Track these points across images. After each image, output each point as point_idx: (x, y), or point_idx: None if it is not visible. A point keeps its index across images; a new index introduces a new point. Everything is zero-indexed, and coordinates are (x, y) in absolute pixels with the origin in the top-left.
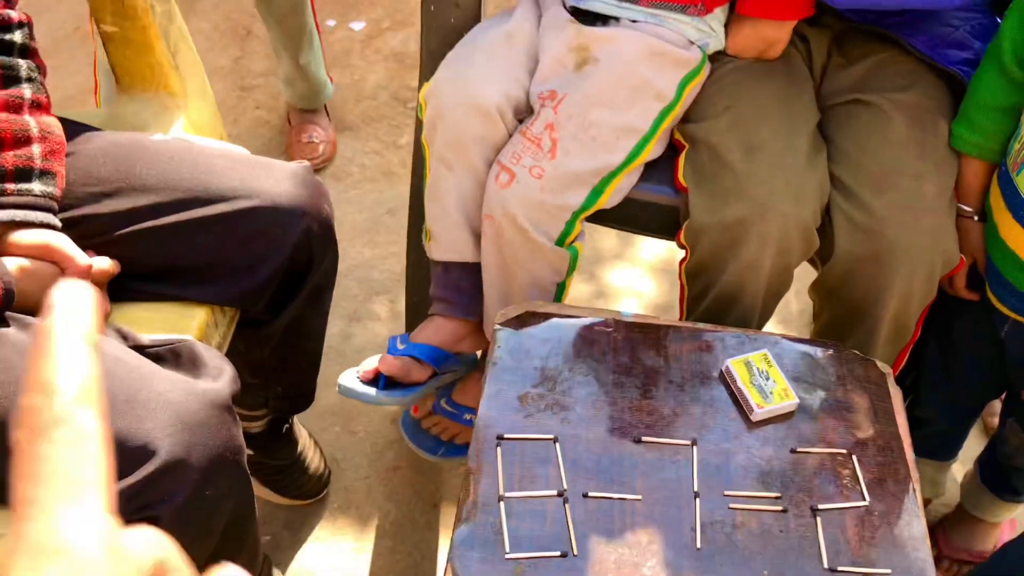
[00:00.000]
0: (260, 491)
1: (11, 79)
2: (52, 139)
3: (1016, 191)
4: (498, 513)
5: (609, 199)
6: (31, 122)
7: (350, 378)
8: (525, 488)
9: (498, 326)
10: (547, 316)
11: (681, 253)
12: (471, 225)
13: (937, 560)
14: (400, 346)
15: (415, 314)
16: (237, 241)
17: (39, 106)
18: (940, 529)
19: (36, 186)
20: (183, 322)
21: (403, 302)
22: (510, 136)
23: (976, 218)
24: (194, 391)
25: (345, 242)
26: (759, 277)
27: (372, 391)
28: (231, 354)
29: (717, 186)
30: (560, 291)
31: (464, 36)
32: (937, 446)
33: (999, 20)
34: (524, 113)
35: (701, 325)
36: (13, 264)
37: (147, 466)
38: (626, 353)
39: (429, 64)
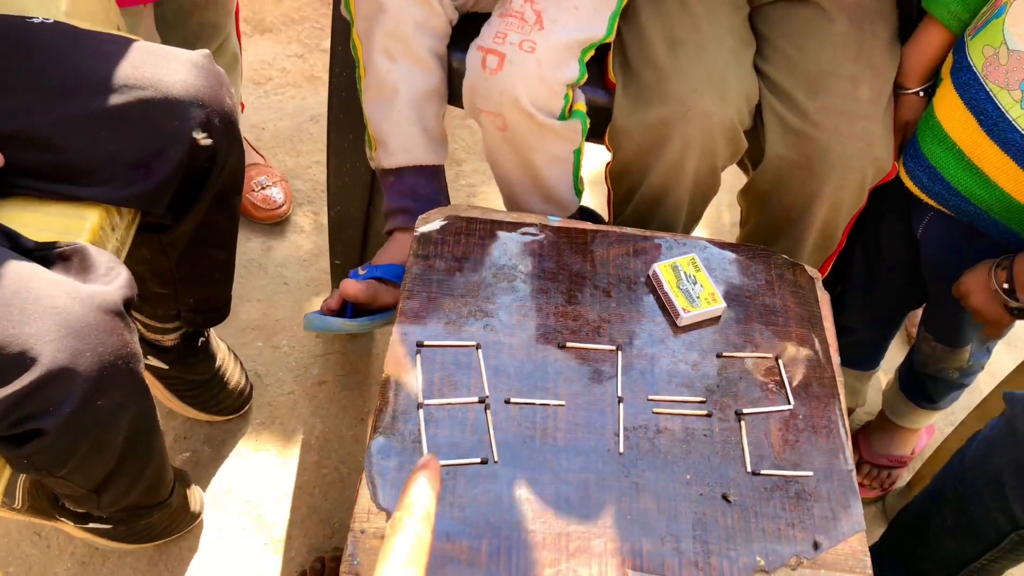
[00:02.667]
0: (177, 407)
1: None
2: None
3: (966, 55)
4: (416, 421)
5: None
6: None
7: (314, 313)
8: (446, 395)
9: (418, 231)
10: (471, 221)
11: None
12: (423, 122)
13: (858, 465)
14: (361, 272)
15: (338, 226)
16: (130, 136)
17: None
18: (861, 435)
19: None
20: (74, 224)
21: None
22: (451, 23)
23: (922, 94)
24: (80, 295)
25: (266, 151)
26: (683, 179)
27: (339, 320)
28: (136, 261)
29: (639, 84)
30: (577, 157)
31: None
32: (860, 355)
33: None
34: None
35: (629, 229)
36: None
37: (28, 374)
38: (552, 258)
39: None
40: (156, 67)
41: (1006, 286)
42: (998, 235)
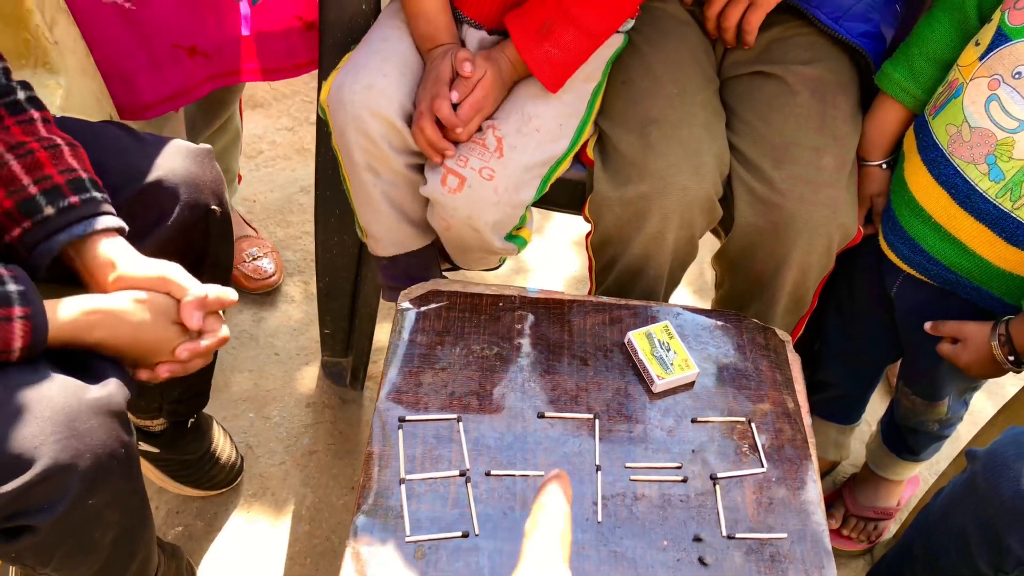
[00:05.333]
0: (170, 485)
1: (12, 105)
2: (71, 144)
3: (930, 133)
4: (399, 496)
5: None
6: (55, 137)
7: None
8: (428, 470)
9: (400, 306)
10: (452, 294)
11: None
12: (409, 219)
13: (844, 518)
14: None
15: (327, 296)
16: (129, 223)
17: (48, 121)
18: (846, 489)
19: (95, 194)
20: None
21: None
22: None
23: (885, 166)
24: (84, 397)
25: (257, 222)
26: (663, 249)
27: None
28: None
29: (617, 161)
30: (501, 262)
31: (369, 33)
32: (841, 410)
33: None
34: None
35: (605, 298)
36: (128, 297)
37: (28, 472)
38: (531, 329)
39: (330, 57)
40: (158, 157)
41: (1012, 358)
42: (980, 300)
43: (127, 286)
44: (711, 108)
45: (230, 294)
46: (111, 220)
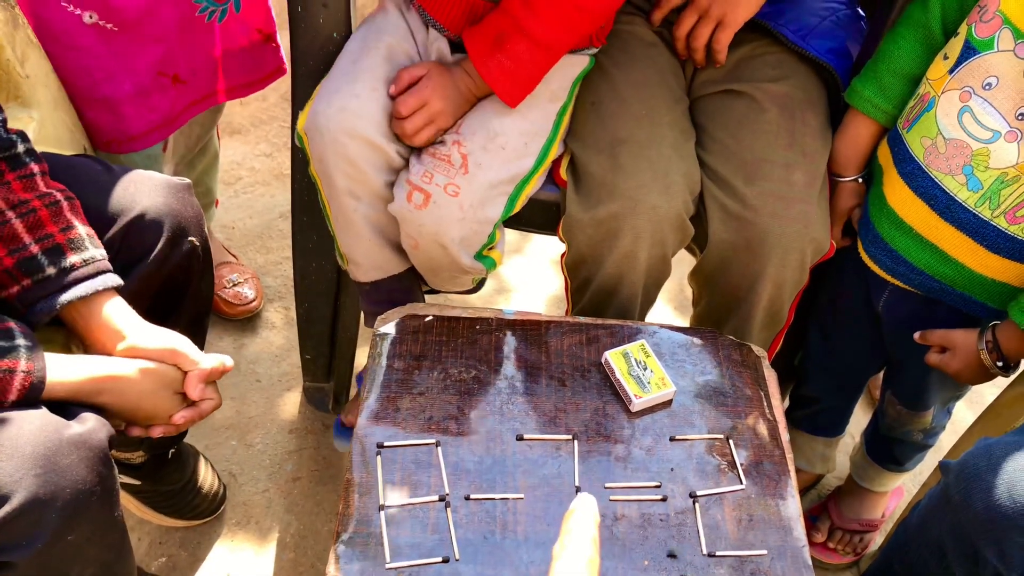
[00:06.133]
0: (152, 516)
1: (13, 159)
2: (68, 197)
3: (906, 147)
4: (379, 523)
5: (523, 204)
6: (54, 192)
7: (340, 432)
8: (407, 495)
9: (377, 331)
10: (429, 318)
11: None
12: (390, 243)
13: (830, 531)
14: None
15: (307, 322)
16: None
17: (45, 173)
18: (831, 501)
19: (93, 251)
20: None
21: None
22: (406, 159)
23: (860, 180)
24: (65, 433)
25: (237, 249)
26: (637, 268)
27: None
28: None
29: (588, 182)
30: (476, 283)
31: (339, 58)
32: (825, 423)
33: (861, 12)
34: None
35: (582, 319)
36: (134, 366)
37: (7, 506)
38: (508, 351)
39: (303, 86)
40: (138, 193)
41: (1000, 364)
42: (966, 307)
43: (136, 356)
44: (679, 128)
45: (228, 362)
46: (110, 279)
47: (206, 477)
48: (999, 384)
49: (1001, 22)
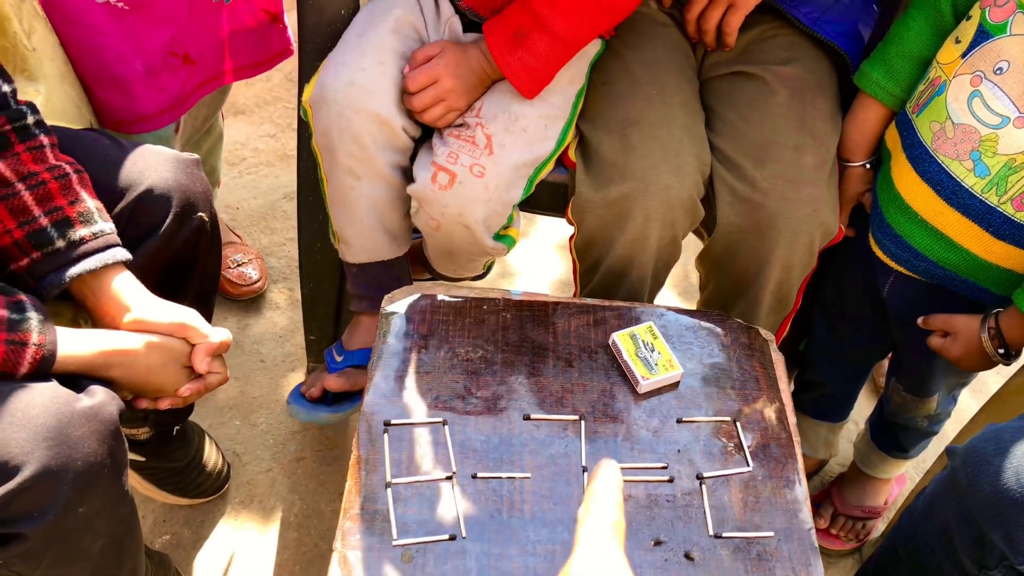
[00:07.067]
0: (156, 494)
1: (23, 130)
2: (78, 170)
3: (914, 131)
4: (385, 500)
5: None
6: (63, 164)
7: (297, 399)
8: (413, 473)
9: (385, 310)
10: (435, 299)
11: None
12: (385, 227)
13: (832, 518)
14: (338, 358)
15: (311, 303)
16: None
17: (54, 145)
18: (834, 488)
19: (103, 225)
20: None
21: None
22: (412, 138)
23: (868, 166)
24: (76, 405)
25: (241, 229)
26: (647, 250)
27: (324, 412)
28: None
29: (598, 163)
30: (488, 265)
31: (347, 31)
32: (829, 408)
33: None
34: None
35: (589, 300)
36: (143, 340)
37: (17, 477)
38: (515, 331)
39: (310, 61)
40: (146, 168)
41: (1001, 351)
42: (969, 293)
43: (144, 329)
44: (690, 109)
45: (229, 336)
46: (119, 253)
47: (210, 456)
48: (1004, 373)
49: (1016, 6)
